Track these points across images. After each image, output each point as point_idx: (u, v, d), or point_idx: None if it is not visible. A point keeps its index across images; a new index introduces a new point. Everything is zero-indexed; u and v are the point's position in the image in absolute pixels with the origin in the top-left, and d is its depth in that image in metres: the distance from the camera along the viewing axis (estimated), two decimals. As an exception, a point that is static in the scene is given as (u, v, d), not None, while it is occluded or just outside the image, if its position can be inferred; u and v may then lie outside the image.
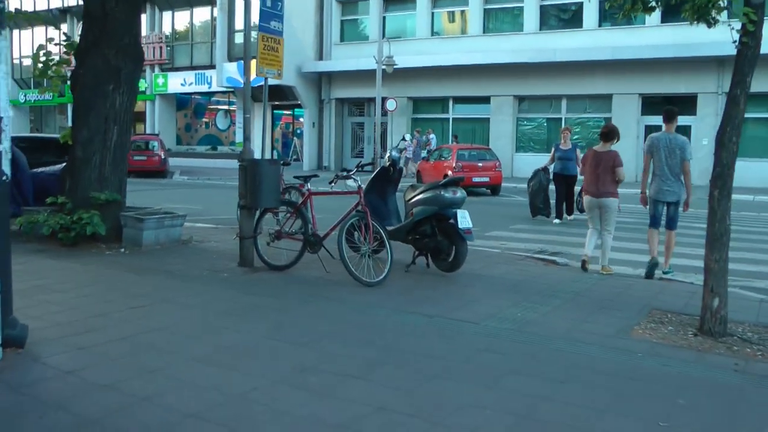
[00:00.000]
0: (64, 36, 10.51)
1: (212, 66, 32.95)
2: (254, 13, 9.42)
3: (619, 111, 25.59)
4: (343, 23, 32.43)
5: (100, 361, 4.46)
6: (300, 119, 34.21)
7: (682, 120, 24.55)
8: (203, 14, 35.23)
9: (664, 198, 7.99)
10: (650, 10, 6.42)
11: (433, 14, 29.93)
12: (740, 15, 5.24)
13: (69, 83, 9.63)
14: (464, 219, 7.47)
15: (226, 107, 36.99)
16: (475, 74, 27.70)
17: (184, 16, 36.17)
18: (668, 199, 7.99)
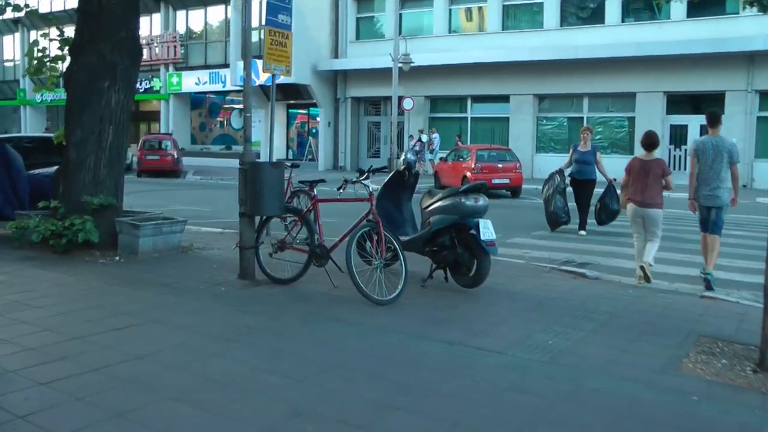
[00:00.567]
0: (58, 31, 9.92)
1: (226, 65, 32.43)
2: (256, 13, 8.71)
3: (643, 110, 24.77)
4: (359, 21, 31.79)
5: (64, 401, 3.83)
6: (315, 118, 33.65)
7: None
8: (217, 13, 34.70)
9: (711, 203, 7.75)
10: None
11: (451, 11, 29.19)
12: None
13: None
14: (487, 230, 6.77)
15: (241, 106, 36.46)
16: (494, 72, 26.96)
17: (199, 15, 35.68)
18: (714, 204, 7.73)
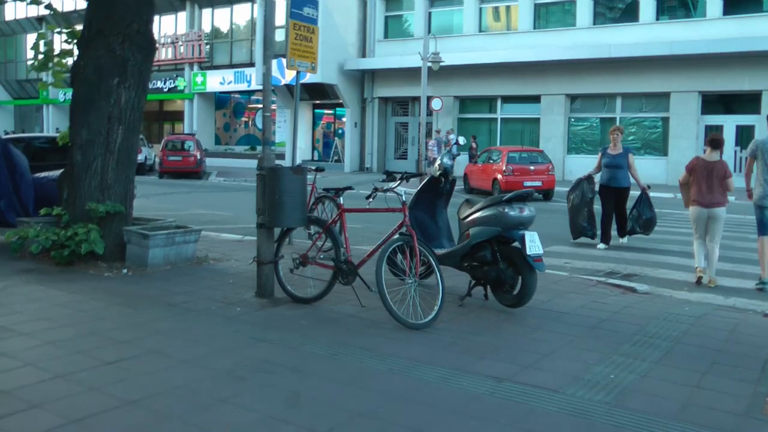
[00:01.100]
0: (52, 11, 9.23)
1: (251, 64, 31.77)
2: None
3: (678, 110, 23.99)
4: (387, 19, 31.09)
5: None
6: (341, 119, 32.96)
7: (745, 119, 22.98)
8: (243, 11, 34.12)
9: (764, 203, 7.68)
10: None
11: (481, 9, 28.37)
12: None
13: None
14: (533, 243, 5.93)
15: (266, 106, 35.87)
16: (525, 72, 26.21)
17: (224, 14, 35.14)
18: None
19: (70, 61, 9.12)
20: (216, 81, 34.41)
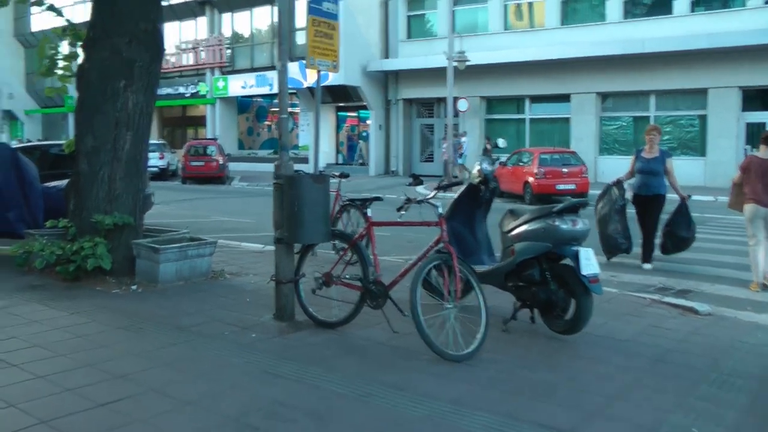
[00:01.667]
0: (70, 25, 8.70)
1: (273, 67, 31.37)
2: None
3: (716, 107, 22.82)
4: (410, 19, 30.40)
5: None
6: (366, 121, 32.36)
7: (787, 116, 21.92)
8: (263, 14, 33.66)
9: None
10: None
11: (506, 6, 27.56)
12: None
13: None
14: (589, 262, 5.22)
15: (290, 110, 35.42)
16: (554, 70, 25.29)
17: (244, 17, 34.72)
18: None
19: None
20: (238, 85, 34.01)
